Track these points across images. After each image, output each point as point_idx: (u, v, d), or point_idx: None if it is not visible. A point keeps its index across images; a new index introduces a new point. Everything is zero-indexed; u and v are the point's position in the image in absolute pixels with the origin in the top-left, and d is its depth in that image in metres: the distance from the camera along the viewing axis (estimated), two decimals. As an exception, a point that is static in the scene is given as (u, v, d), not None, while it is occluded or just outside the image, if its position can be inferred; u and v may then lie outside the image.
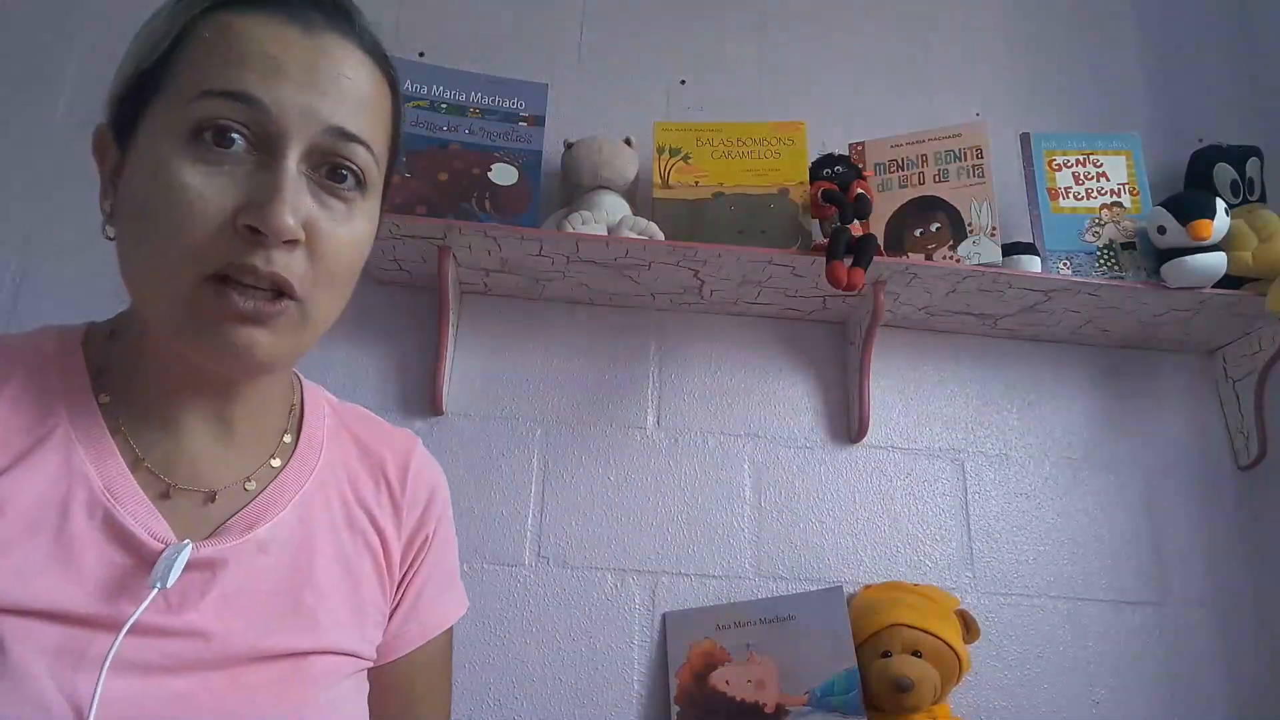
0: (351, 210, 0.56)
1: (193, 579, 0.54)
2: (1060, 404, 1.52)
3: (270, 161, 0.51)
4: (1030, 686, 1.35)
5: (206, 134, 0.51)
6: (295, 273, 0.52)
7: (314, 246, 0.53)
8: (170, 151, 0.51)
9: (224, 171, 0.51)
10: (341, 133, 0.54)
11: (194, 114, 0.51)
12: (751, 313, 1.50)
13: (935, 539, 1.42)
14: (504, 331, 1.44)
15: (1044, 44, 1.76)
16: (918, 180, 1.41)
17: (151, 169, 0.51)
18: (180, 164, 0.50)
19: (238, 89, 0.51)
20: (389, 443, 0.72)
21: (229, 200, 0.50)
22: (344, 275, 0.56)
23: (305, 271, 0.53)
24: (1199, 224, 1.31)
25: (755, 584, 1.35)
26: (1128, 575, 1.42)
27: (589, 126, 1.45)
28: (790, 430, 1.45)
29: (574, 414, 1.42)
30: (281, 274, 0.51)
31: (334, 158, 0.54)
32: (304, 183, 0.53)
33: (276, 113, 0.51)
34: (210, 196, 0.50)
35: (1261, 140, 1.57)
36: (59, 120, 1.47)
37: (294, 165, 0.52)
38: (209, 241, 0.50)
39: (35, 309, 1.36)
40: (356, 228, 0.56)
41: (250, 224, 0.50)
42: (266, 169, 0.51)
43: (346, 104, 0.54)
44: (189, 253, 0.50)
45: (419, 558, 0.70)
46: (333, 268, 0.55)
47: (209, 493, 0.58)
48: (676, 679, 1.27)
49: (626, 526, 1.36)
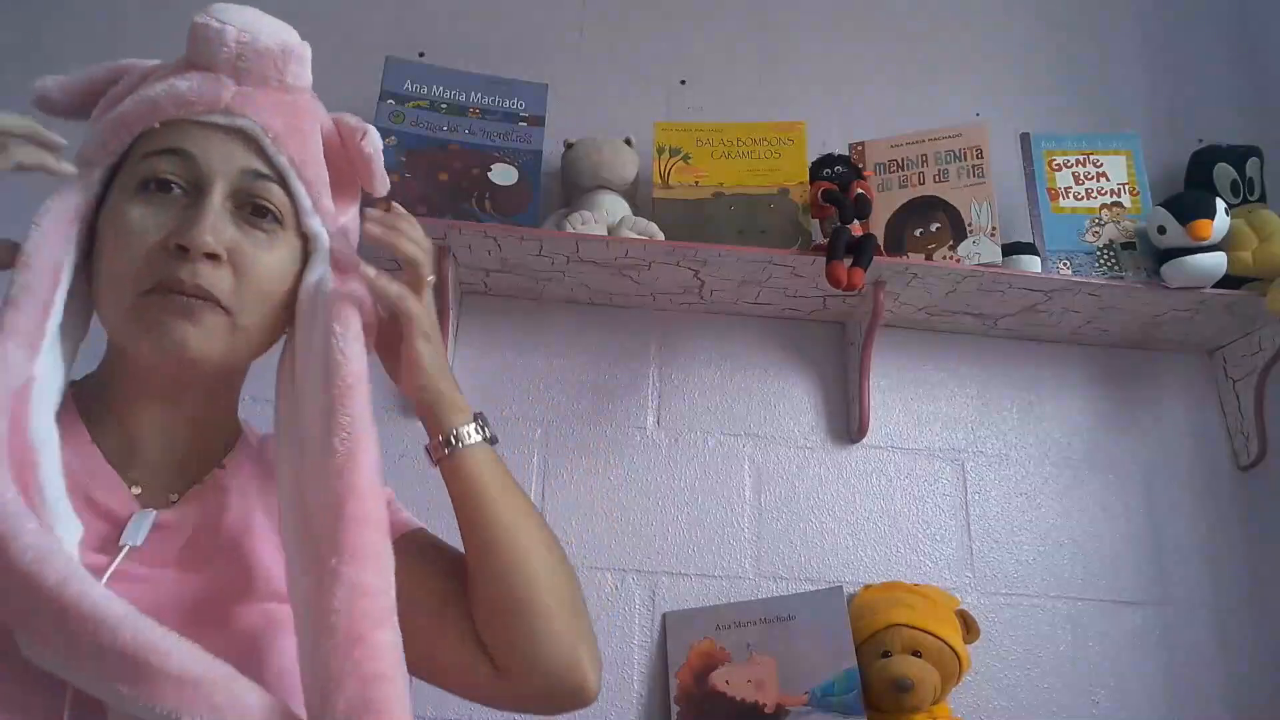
0: (273, 240, 0.65)
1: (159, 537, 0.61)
2: (1060, 404, 1.52)
3: (198, 198, 0.62)
4: (1030, 686, 1.34)
5: (151, 184, 0.62)
6: (220, 287, 0.61)
7: (238, 266, 0.62)
8: (123, 199, 0.63)
9: (162, 210, 0.62)
10: (256, 173, 0.64)
11: (142, 171, 0.63)
12: (751, 313, 1.50)
13: (935, 539, 1.42)
14: (504, 331, 1.44)
15: (1044, 44, 1.76)
16: (918, 180, 1.41)
17: (111, 217, 0.63)
18: (130, 206, 0.62)
19: (174, 146, 0.63)
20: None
21: (164, 229, 0.61)
22: (269, 291, 0.64)
23: (231, 287, 0.62)
24: (1199, 224, 1.31)
25: (755, 584, 1.35)
26: (1128, 575, 1.42)
27: (589, 126, 1.45)
28: (790, 430, 1.45)
29: (574, 414, 1.42)
30: (205, 285, 0.60)
31: (254, 196, 0.64)
32: (228, 216, 0.63)
33: (203, 161, 0.63)
34: (149, 227, 0.61)
35: (1261, 140, 1.57)
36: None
37: (218, 200, 0.62)
38: (145, 262, 0.60)
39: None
40: (278, 254, 0.65)
41: (177, 242, 0.60)
42: (194, 204, 0.62)
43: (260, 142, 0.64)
44: (130, 273, 0.60)
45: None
46: (258, 284, 0.63)
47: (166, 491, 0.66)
48: (676, 679, 1.27)
49: (626, 526, 1.36)
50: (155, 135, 0.63)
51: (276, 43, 0.65)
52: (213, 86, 0.63)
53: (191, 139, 0.63)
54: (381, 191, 0.74)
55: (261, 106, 0.64)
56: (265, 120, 0.64)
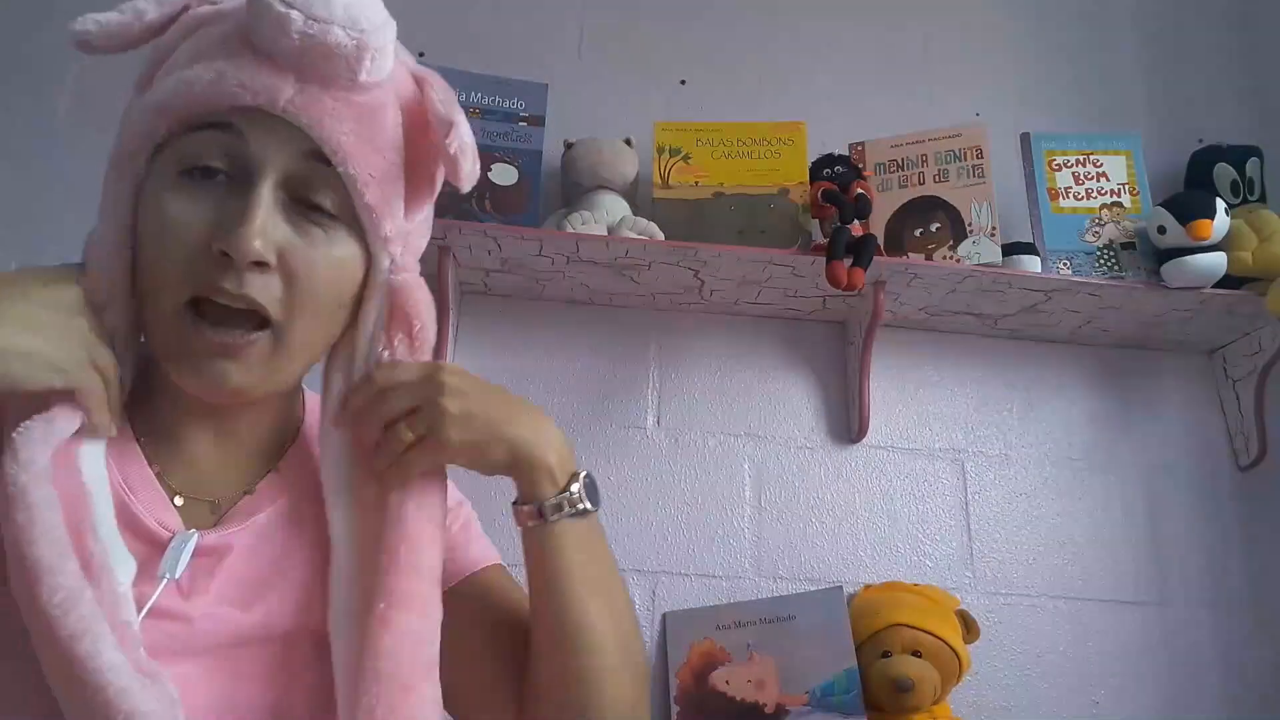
0: (330, 238, 0.56)
1: (199, 564, 0.56)
2: (1060, 404, 1.52)
3: (245, 188, 0.53)
4: (1030, 686, 1.34)
5: (195, 170, 0.54)
6: (269, 297, 0.54)
7: (289, 272, 0.54)
8: (163, 186, 0.54)
9: (205, 199, 0.53)
10: (315, 157, 0.54)
11: (183, 150, 0.54)
12: (751, 313, 1.50)
13: (935, 539, 1.42)
14: (504, 331, 1.44)
15: (1044, 44, 1.76)
16: (918, 180, 1.41)
17: (150, 206, 0.55)
18: (169, 196, 0.54)
19: (222, 120, 0.53)
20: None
21: (206, 225, 0.53)
22: (325, 300, 0.57)
23: (281, 296, 0.54)
24: (1199, 224, 1.31)
25: (755, 584, 1.35)
26: (1128, 575, 1.42)
27: (589, 126, 1.45)
28: (790, 430, 1.45)
29: (574, 414, 1.42)
30: (253, 296, 0.53)
31: (311, 189, 0.55)
32: (280, 209, 0.54)
33: (253, 141, 0.53)
34: (190, 223, 0.53)
35: (1261, 140, 1.57)
36: (58, 127, 1.47)
37: (268, 191, 0.53)
38: (187, 266, 0.53)
39: (35, 309, 1.35)
40: (336, 253, 0.56)
41: (221, 248, 0.52)
42: (241, 195, 0.53)
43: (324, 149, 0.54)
44: (170, 279, 0.53)
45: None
46: (310, 292, 0.55)
47: (213, 501, 0.61)
48: (676, 679, 1.27)
49: (626, 526, 1.36)
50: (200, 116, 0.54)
51: (351, 37, 0.52)
52: (271, 85, 0.52)
53: (246, 117, 0.53)
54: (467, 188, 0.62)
55: (326, 111, 0.54)
56: (329, 130, 0.54)
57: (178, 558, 0.55)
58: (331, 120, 0.54)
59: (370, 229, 0.58)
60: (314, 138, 0.54)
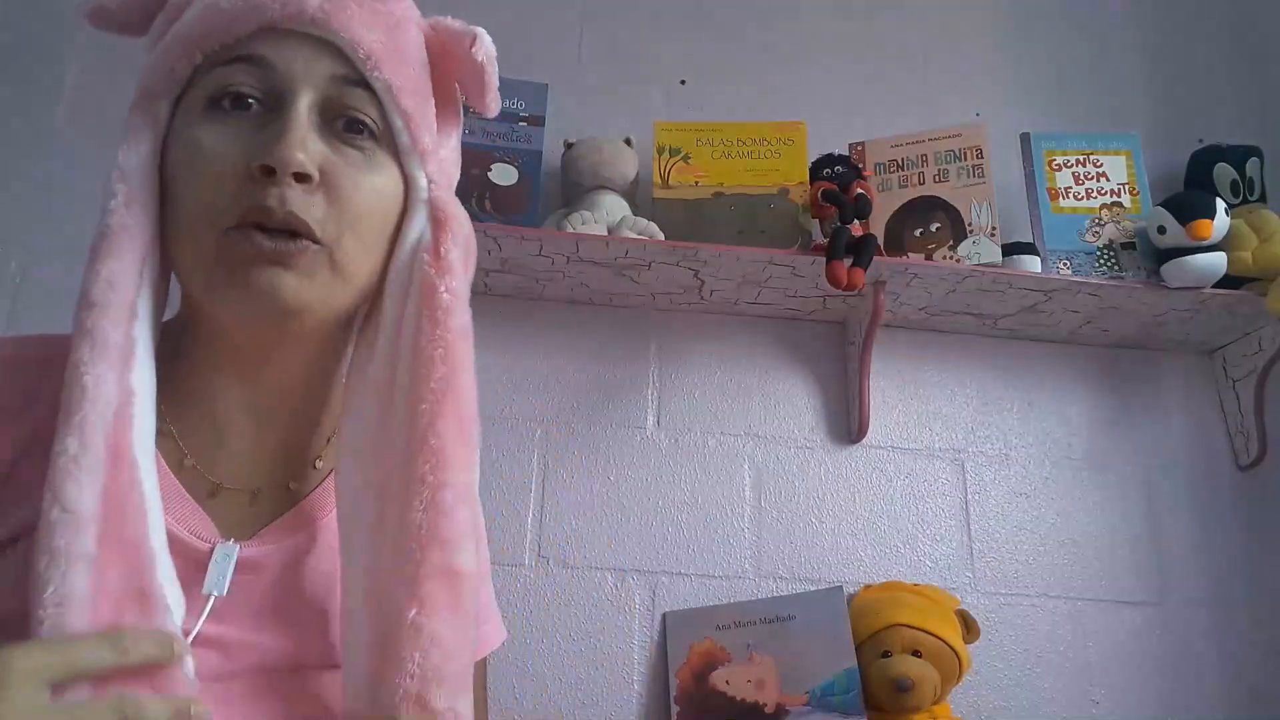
0: (370, 160, 0.54)
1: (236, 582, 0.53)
2: (1060, 404, 1.52)
3: (281, 113, 0.52)
4: (1030, 686, 1.35)
5: (224, 101, 0.52)
6: (314, 215, 0.51)
7: (332, 190, 0.52)
8: (192, 122, 0.52)
9: (239, 128, 0.52)
10: (348, 79, 0.54)
11: (210, 84, 0.52)
12: (751, 313, 1.50)
13: (935, 539, 1.42)
14: (504, 331, 1.44)
15: (1044, 44, 1.76)
16: (918, 180, 1.41)
17: (179, 142, 0.53)
18: (199, 129, 0.52)
19: (248, 52, 0.52)
20: None
21: (243, 152, 0.51)
22: (370, 223, 0.54)
23: (325, 215, 0.52)
24: (1199, 224, 1.31)
25: (755, 584, 1.35)
26: (1128, 575, 1.42)
27: (589, 126, 1.45)
28: (790, 430, 1.45)
29: (574, 414, 1.42)
30: (298, 213, 0.50)
31: (346, 109, 0.54)
32: (317, 130, 0.53)
33: (283, 68, 0.52)
34: (225, 151, 0.51)
35: (1261, 140, 1.57)
36: (59, 121, 1.47)
37: (304, 112, 0.52)
38: (227, 192, 0.50)
39: (35, 309, 1.36)
40: (377, 178, 0.55)
41: (262, 163, 0.50)
42: (277, 118, 0.52)
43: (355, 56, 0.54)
44: (209, 208, 0.51)
45: None
46: (355, 212, 0.53)
47: (252, 491, 0.57)
48: (676, 679, 1.27)
49: (626, 526, 1.36)
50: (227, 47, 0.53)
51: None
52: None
53: (269, 45, 0.52)
54: (493, 110, 0.62)
55: (354, 17, 0.53)
56: (358, 35, 0.53)
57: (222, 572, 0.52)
58: (360, 27, 0.53)
59: (409, 139, 0.56)
60: (344, 45, 0.53)
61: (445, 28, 0.60)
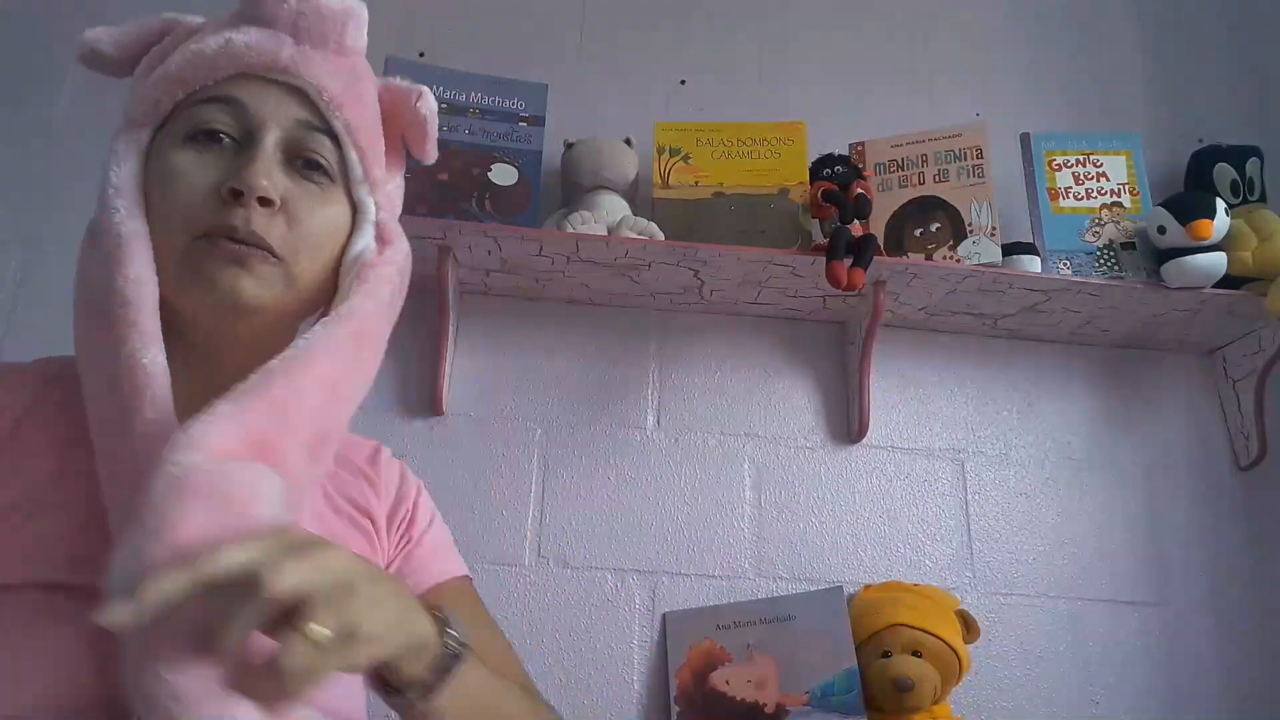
0: (325, 194, 0.63)
1: None
2: (1060, 404, 1.52)
3: (250, 146, 0.60)
4: (1030, 686, 1.34)
5: (200, 134, 0.60)
6: (274, 234, 0.59)
7: (291, 216, 0.61)
8: (171, 149, 0.61)
9: (212, 158, 0.60)
10: (310, 125, 0.63)
11: (190, 119, 0.61)
12: (751, 313, 1.50)
13: (935, 539, 1.42)
14: (504, 331, 1.44)
15: (1044, 44, 1.76)
16: (918, 180, 1.41)
17: (158, 165, 0.61)
18: (177, 156, 0.60)
19: (225, 94, 0.61)
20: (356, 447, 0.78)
21: (215, 177, 0.59)
22: (321, 243, 0.63)
23: (284, 235, 0.60)
24: (1199, 224, 1.31)
25: (755, 584, 1.35)
26: (1128, 575, 1.42)
27: (589, 126, 1.45)
28: (790, 430, 1.45)
29: (574, 414, 1.42)
30: (259, 233, 0.58)
31: (307, 150, 0.62)
32: (280, 165, 0.61)
33: (254, 109, 0.61)
34: (199, 175, 0.59)
35: (1261, 140, 1.57)
36: (59, 120, 1.47)
37: (271, 147, 0.60)
38: (197, 208, 0.58)
39: (35, 309, 1.36)
40: (330, 209, 0.64)
41: (231, 186, 0.58)
42: (247, 151, 0.60)
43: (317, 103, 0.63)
44: (183, 219, 0.59)
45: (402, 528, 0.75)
46: (310, 235, 0.62)
47: None
48: (676, 679, 1.27)
49: (626, 526, 1.36)
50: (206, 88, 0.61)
51: (339, 4, 0.63)
52: (271, 43, 0.61)
53: (243, 88, 0.61)
54: (431, 159, 0.73)
55: (320, 67, 0.63)
56: (323, 82, 0.62)
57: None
58: (325, 74, 0.63)
59: (361, 171, 0.65)
60: (310, 90, 0.62)
61: (395, 86, 0.70)
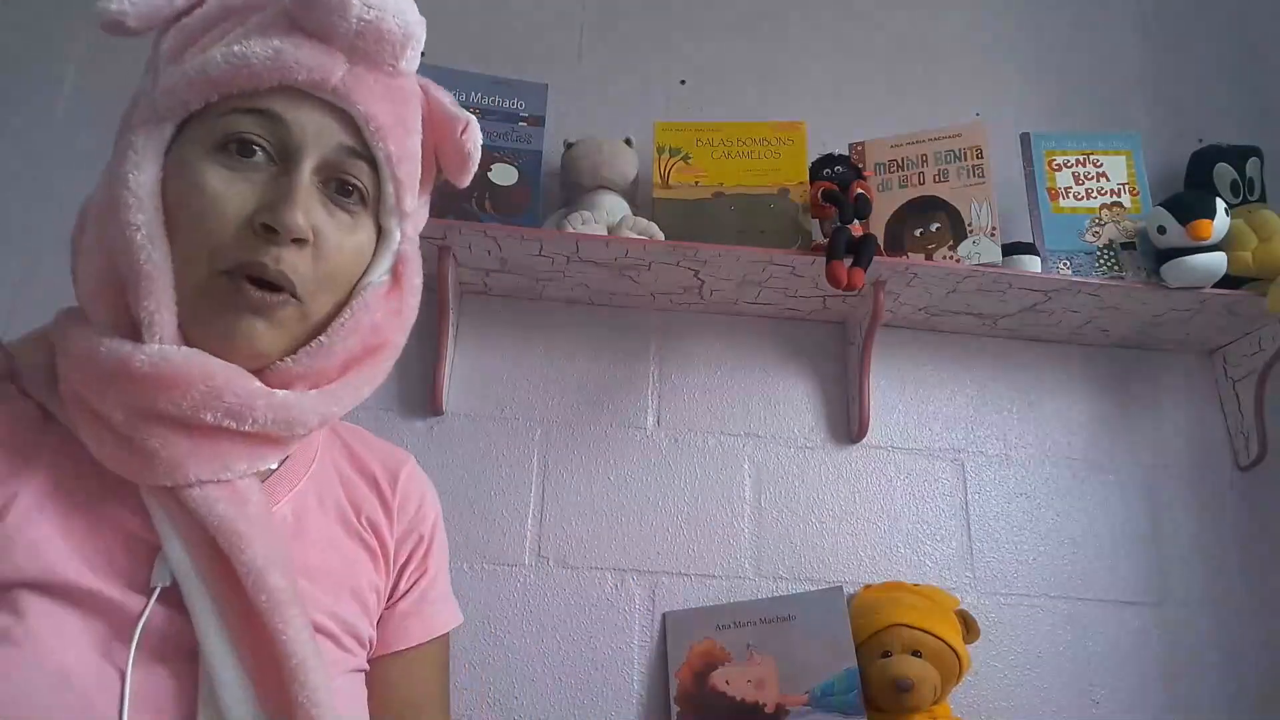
0: (355, 222, 0.60)
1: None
2: (1060, 404, 1.52)
3: (287, 171, 0.57)
4: (1030, 686, 1.34)
5: (231, 145, 0.56)
6: (300, 272, 0.57)
7: (319, 250, 0.58)
8: (198, 157, 0.56)
9: (244, 178, 0.56)
10: (351, 150, 0.59)
11: (223, 126, 0.56)
12: (751, 313, 1.50)
13: (935, 539, 1.42)
14: (504, 331, 1.44)
15: (1044, 44, 1.76)
16: (918, 180, 1.41)
17: (182, 173, 0.56)
18: (206, 168, 0.56)
19: (267, 107, 0.57)
20: (381, 457, 0.75)
21: (247, 203, 0.55)
22: (342, 281, 0.61)
23: (308, 272, 0.57)
24: (1199, 224, 1.31)
25: (755, 584, 1.35)
26: (1128, 575, 1.42)
27: (589, 126, 1.45)
28: (790, 430, 1.45)
29: (574, 414, 1.42)
30: (287, 272, 0.56)
31: (344, 174, 0.59)
32: (316, 193, 0.58)
33: (296, 128, 0.57)
34: (230, 198, 0.55)
35: (1261, 140, 1.57)
36: (59, 120, 1.47)
37: (307, 175, 0.57)
38: (226, 239, 0.55)
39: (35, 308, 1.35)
40: (359, 237, 0.61)
41: (266, 222, 0.55)
42: (283, 177, 0.57)
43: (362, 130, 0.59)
44: (209, 249, 0.55)
45: (415, 556, 0.73)
46: (333, 272, 0.59)
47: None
48: (676, 679, 1.27)
49: (626, 526, 1.36)
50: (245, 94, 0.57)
51: (400, 25, 0.59)
52: (324, 62, 0.57)
53: (286, 104, 0.57)
54: (464, 185, 0.70)
55: (371, 92, 0.59)
56: (372, 108, 0.59)
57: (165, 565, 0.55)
58: (374, 100, 0.59)
59: (394, 201, 0.62)
60: (358, 116, 0.59)
61: (442, 107, 0.66)
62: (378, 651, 0.69)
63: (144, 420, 0.54)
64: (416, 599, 0.72)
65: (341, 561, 0.66)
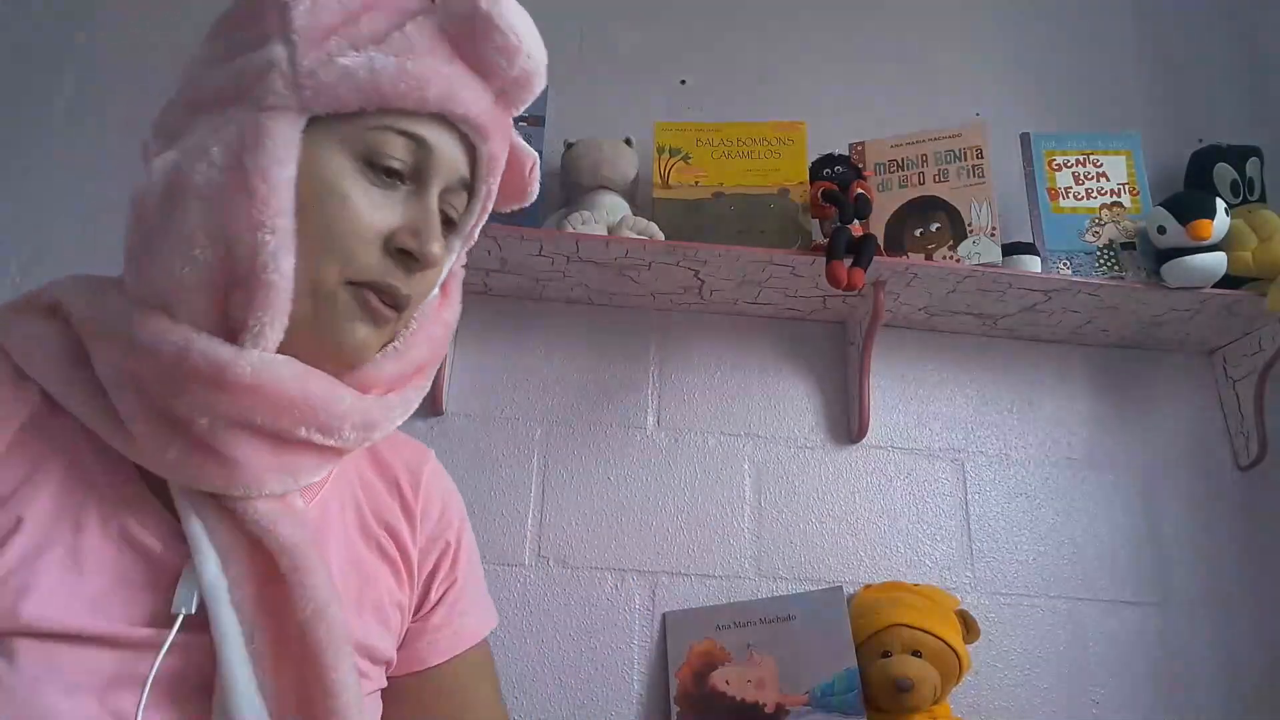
0: (450, 245, 0.63)
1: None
2: (1060, 404, 1.52)
3: (418, 193, 0.58)
4: (1030, 686, 1.34)
5: (379, 166, 0.56)
6: (416, 291, 0.59)
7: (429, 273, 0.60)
8: (341, 163, 0.55)
9: (384, 195, 0.57)
10: (464, 182, 0.61)
11: (373, 142, 0.56)
12: (751, 313, 1.50)
13: (935, 539, 1.42)
14: (504, 332, 1.44)
15: (1044, 44, 1.76)
16: (918, 180, 1.41)
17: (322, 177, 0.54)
18: (350, 179, 0.55)
19: (421, 134, 0.57)
20: (402, 455, 0.73)
21: (386, 223, 0.56)
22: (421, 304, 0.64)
23: (418, 292, 0.60)
24: (1199, 224, 1.31)
25: (755, 584, 1.35)
26: (1128, 575, 1.42)
27: (589, 126, 1.45)
28: (790, 430, 1.45)
29: (574, 414, 1.42)
30: (412, 296, 0.58)
31: (450, 205, 0.61)
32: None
33: (435, 157, 0.58)
34: (371, 213, 0.56)
35: (1261, 140, 1.57)
36: (59, 120, 1.47)
37: (435, 203, 0.59)
38: (365, 256, 0.55)
39: (35, 309, 1.35)
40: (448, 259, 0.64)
41: (408, 249, 0.56)
42: (419, 200, 0.58)
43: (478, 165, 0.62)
44: (340, 261, 0.55)
45: (442, 565, 0.71)
46: (427, 293, 0.62)
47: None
48: (676, 679, 1.27)
49: (626, 526, 1.36)
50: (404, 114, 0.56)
51: (541, 77, 0.61)
52: (481, 101, 0.58)
53: (435, 132, 0.58)
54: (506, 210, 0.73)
55: (499, 133, 0.61)
56: (496, 148, 0.61)
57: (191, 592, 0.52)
58: (499, 140, 0.61)
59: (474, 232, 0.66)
60: (483, 153, 0.60)
61: (519, 144, 0.68)
62: (411, 668, 0.67)
63: (230, 428, 0.51)
64: (446, 611, 0.70)
65: (360, 576, 0.63)
